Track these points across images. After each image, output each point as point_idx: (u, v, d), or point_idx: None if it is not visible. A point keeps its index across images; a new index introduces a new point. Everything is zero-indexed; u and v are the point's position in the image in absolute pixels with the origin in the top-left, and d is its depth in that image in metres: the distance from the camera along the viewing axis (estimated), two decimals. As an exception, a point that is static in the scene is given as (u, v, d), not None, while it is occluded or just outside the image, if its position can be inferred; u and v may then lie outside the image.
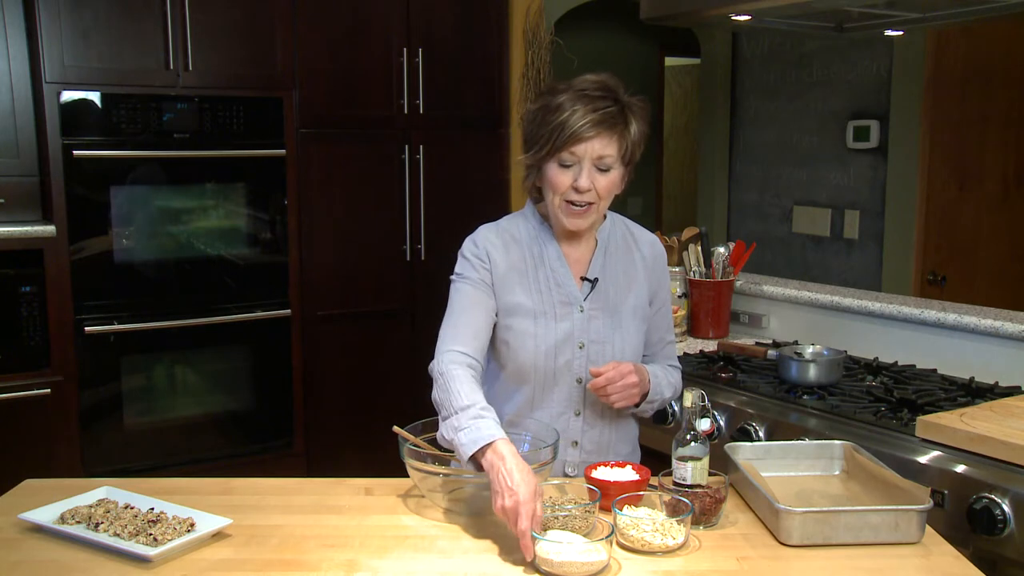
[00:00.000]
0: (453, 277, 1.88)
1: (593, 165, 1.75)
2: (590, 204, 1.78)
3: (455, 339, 1.78)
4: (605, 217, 1.93)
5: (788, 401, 2.30)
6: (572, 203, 1.78)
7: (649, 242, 1.98)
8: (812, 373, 2.38)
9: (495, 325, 1.85)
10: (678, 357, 2.70)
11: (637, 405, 1.89)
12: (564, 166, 1.76)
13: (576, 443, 1.90)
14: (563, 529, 1.54)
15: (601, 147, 1.74)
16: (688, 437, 1.64)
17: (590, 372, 1.82)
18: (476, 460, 1.58)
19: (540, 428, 1.81)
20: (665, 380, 1.96)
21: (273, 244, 3.72)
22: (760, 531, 1.61)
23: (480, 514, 1.66)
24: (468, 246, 1.88)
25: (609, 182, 1.78)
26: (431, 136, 3.95)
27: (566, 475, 1.89)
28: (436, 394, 1.71)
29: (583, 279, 1.88)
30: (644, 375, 1.87)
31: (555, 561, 1.42)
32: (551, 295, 1.85)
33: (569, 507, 1.57)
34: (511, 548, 1.53)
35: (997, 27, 3.72)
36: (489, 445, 1.55)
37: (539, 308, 1.84)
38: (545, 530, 1.51)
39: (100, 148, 3.32)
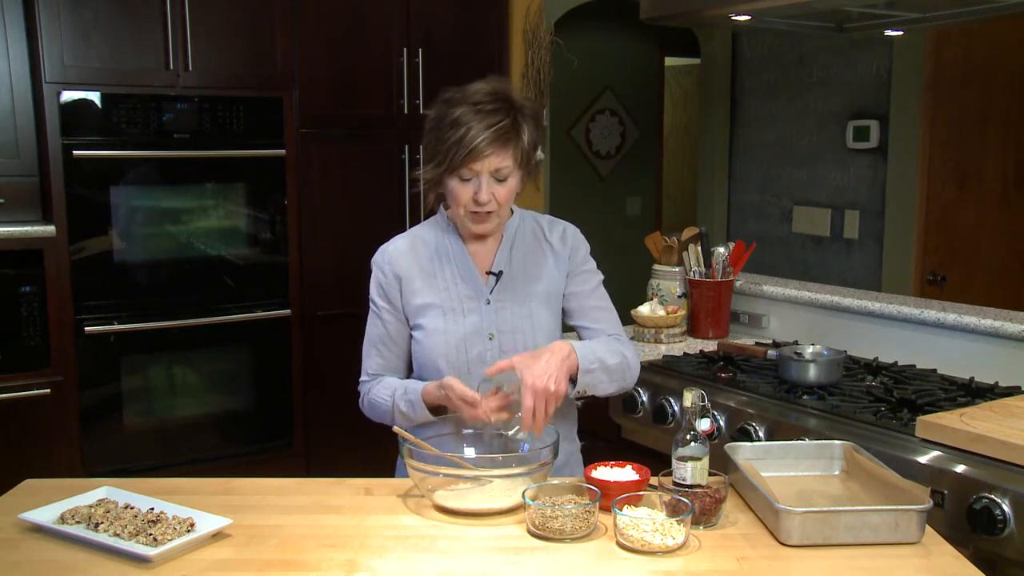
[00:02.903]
0: (370, 295, 1.99)
1: (491, 177, 1.83)
2: (491, 211, 1.87)
3: (366, 368, 2.00)
4: (513, 212, 2.00)
5: (788, 401, 2.30)
6: (475, 212, 1.86)
7: (559, 232, 2.02)
8: (812, 373, 2.38)
9: (410, 325, 1.95)
10: (678, 357, 2.74)
11: (574, 383, 1.83)
12: (463, 180, 1.84)
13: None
14: (561, 528, 1.55)
15: (498, 162, 1.82)
16: (688, 437, 1.64)
17: (486, 371, 1.81)
18: (432, 409, 1.84)
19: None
20: (604, 347, 1.89)
21: (273, 244, 3.72)
22: (760, 531, 1.61)
23: (480, 513, 1.66)
24: (377, 256, 2.00)
25: (508, 190, 1.86)
26: (431, 136, 3.95)
27: None
28: (375, 417, 1.96)
29: (489, 273, 1.95)
30: (558, 350, 1.78)
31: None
32: (458, 291, 1.93)
33: (569, 507, 1.57)
34: (511, 548, 1.54)
35: (997, 27, 3.72)
36: (421, 396, 1.84)
37: (447, 304, 1.92)
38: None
39: (100, 148, 3.33)
